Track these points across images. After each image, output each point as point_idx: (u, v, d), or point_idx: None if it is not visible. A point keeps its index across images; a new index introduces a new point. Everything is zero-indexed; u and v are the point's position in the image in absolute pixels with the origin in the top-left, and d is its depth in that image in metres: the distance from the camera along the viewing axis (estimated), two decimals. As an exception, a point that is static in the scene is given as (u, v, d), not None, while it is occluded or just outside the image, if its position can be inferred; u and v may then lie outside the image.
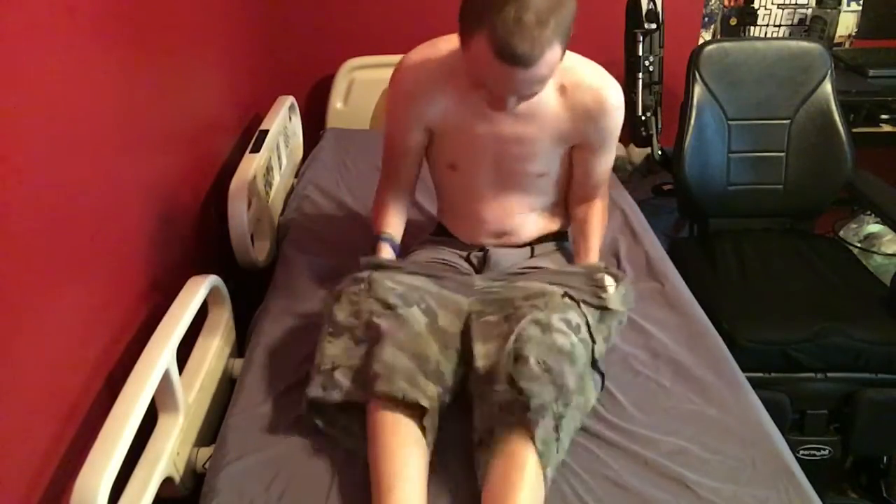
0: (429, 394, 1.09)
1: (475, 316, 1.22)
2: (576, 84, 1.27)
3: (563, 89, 1.27)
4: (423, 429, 1.07)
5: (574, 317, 1.15)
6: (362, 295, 1.20)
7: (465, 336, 1.21)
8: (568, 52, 1.27)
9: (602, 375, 1.19)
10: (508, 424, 1.04)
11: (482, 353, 1.15)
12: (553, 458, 1.03)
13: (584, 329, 1.15)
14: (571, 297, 1.19)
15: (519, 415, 1.03)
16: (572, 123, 1.30)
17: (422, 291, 1.24)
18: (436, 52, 1.31)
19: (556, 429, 1.02)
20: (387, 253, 1.39)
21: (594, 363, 1.16)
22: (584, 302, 1.21)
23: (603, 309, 1.22)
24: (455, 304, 1.25)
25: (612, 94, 1.29)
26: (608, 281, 1.26)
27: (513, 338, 1.09)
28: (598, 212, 1.44)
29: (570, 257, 1.48)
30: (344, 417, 1.12)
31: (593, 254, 1.39)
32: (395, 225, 1.45)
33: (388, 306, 1.17)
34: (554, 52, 1.05)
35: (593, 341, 1.17)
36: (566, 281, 1.25)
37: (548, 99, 1.27)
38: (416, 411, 1.07)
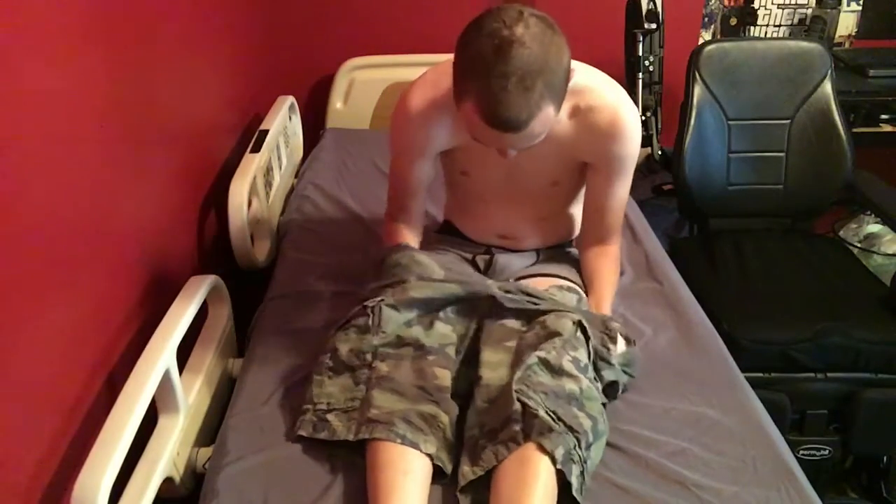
0: (439, 423, 1.07)
1: (489, 321, 1.21)
2: (590, 107, 1.23)
3: (576, 110, 1.23)
4: (433, 463, 1.05)
5: (583, 356, 1.14)
6: (372, 331, 1.17)
7: (476, 335, 1.20)
8: (585, 68, 1.23)
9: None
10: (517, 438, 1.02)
11: (488, 362, 1.14)
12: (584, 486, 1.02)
13: (591, 370, 1.14)
14: (584, 330, 1.17)
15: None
16: (585, 143, 1.26)
17: (433, 304, 1.22)
18: (436, 77, 1.28)
19: (583, 474, 1.01)
20: None
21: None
22: (592, 342, 1.18)
23: (602, 360, 1.18)
24: (470, 305, 1.24)
25: (627, 117, 1.24)
26: (620, 339, 1.23)
27: (518, 374, 1.07)
28: (610, 263, 1.39)
29: (574, 262, 1.46)
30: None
31: (605, 307, 1.33)
32: (411, 242, 1.42)
33: (396, 342, 1.16)
34: (545, 112, 1.03)
35: (597, 380, 1.16)
36: (582, 315, 1.22)
37: (560, 121, 1.22)
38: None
